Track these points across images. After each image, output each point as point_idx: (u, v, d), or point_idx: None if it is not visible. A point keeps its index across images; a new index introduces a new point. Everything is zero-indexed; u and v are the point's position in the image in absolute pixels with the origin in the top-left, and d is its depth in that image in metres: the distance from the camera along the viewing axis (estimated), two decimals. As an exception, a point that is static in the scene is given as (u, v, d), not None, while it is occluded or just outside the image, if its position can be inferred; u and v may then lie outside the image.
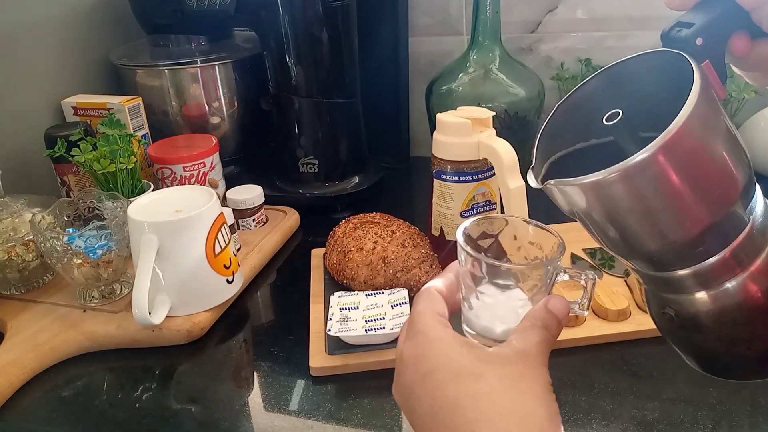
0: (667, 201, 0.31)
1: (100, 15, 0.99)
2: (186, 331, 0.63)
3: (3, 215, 0.68)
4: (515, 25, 0.99)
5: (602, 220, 0.33)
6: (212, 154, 0.84)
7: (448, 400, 0.33)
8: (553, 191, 0.33)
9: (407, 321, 0.39)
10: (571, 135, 0.37)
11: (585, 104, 0.36)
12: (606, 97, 0.35)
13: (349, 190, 0.91)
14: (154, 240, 0.60)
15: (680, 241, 0.32)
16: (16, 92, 0.84)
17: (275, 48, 0.85)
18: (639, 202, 0.31)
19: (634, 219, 0.32)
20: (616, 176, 0.30)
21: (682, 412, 0.51)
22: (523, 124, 0.89)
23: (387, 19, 0.98)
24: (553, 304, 0.37)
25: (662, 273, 0.34)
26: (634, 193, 0.30)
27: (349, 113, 0.91)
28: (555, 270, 0.38)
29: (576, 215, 0.34)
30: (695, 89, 0.29)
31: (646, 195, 0.30)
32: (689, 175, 0.30)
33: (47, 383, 0.59)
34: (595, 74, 0.36)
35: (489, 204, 0.68)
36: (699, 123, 0.29)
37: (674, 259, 0.33)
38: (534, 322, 0.36)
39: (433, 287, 0.40)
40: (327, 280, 0.72)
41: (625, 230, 0.33)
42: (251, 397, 0.57)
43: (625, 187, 0.30)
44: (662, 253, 0.33)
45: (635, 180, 0.30)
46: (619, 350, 0.58)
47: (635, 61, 0.34)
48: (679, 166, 0.30)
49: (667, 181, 0.30)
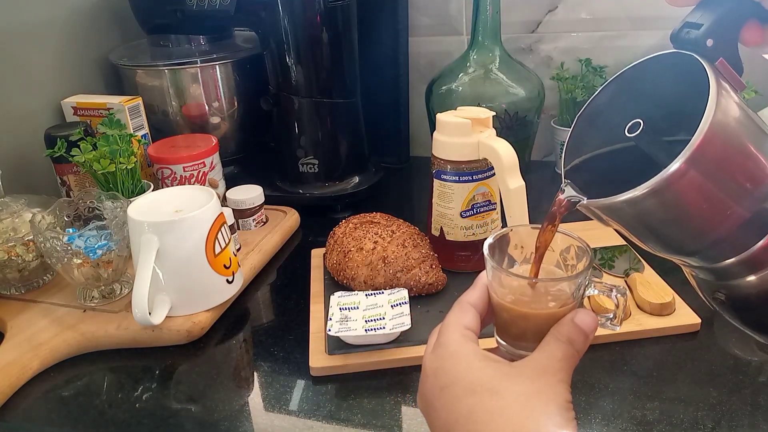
0: (702, 206, 0.31)
1: (100, 15, 0.99)
2: (186, 331, 0.63)
3: (3, 215, 0.68)
4: (515, 25, 0.99)
5: (639, 231, 0.33)
6: (212, 154, 0.84)
7: (462, 415, 0.33)
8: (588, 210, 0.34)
9: (436, 331, 0.39)
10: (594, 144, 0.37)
11: (604, 111, 0.36)
12: (624, 101, 0.35)
13: (349, 190, 0.91)
14: (154, 240, 0.60)
15: (720, 239, 0.32)
16: (17, 92, 0.84)
17: (275, 48, 0.85)
18: (674, 212, 0.31)
19: (671, 227, 0.32)
20: (648, 192, 0.30)
21: (682, 412, 0.51)
22: (523, 124, 0.89)
23: (387, 19, 0.98)
24: (581, 318, 0.36)
25: (710, 265, 0.34)
26: (668, 204, 0.31)
27: (349, 113, 0.91)
28: (584, 283, 0.38)
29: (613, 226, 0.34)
30: (712, 94, 0.29)
31: (681, 204, 0.31)
32: (721, 178, 0.30)
33: (47, 383, 0.59)
34: (610, 80, 0.36)
35: (489, 204, 0.68)
36: (721, 126, 0.29)
37: (717, 254, 0.33)
38: (558, 337, 0.36)
39: (466, 300, 0.40)
40: (327, 280, 0.72)
41: (664, 237, 0.33)
42: (251, 397, 0.57)
43: (658, 200, 0.30)
44: (704, 251, 0.33)
45: (667, 192, 0.30)
46: (619, 350, 0.58)
47: (649, 62, 0.35)
48: (709, 172, 0.30)
49: (699, 188, 0.30)
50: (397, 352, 0.59)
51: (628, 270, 0.69)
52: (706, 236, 0.32)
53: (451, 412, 0.34)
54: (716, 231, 0.32)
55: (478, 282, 0.41)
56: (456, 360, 0.36)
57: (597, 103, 0.36)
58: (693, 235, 0.32)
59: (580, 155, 0.37)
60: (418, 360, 0.58)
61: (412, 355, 0.58)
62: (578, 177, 0.36)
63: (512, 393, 0.33)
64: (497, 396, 0.33)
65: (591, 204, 0.33)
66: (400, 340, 0.60)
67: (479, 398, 0.33)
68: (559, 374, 0.34)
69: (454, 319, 0.38)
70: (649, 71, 0.35)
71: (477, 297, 0.40)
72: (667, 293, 0.62)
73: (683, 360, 0.57)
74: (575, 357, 0.35)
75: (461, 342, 0.36)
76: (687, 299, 0.62)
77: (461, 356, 0.36)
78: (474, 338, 0.37)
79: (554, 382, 0.34)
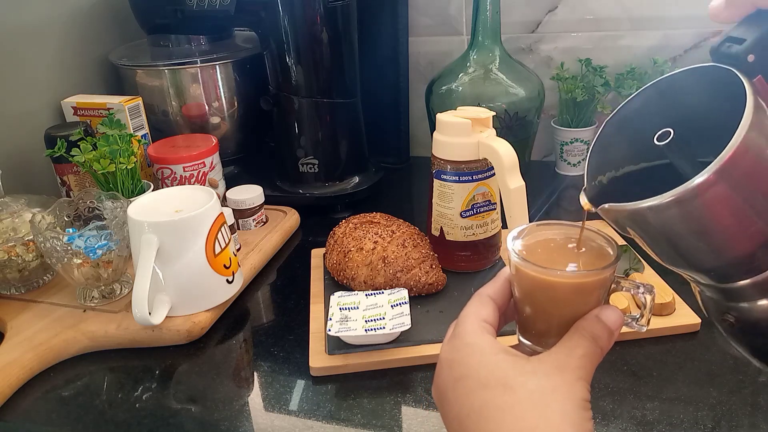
0: (726, 221, 0.30)
1: (100, 15, 0.99)
2: (186, 331, 0.63)
3: (3, 215, 0.68)
4: (515, 25, 0.99)
5: (657, 241, 0.33)
6: (212, 154, 0.84)
7: (474, 409, 0.33)
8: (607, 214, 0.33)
9: (454, 323, 0.38)
10: (621, 150, 0.36)
11: (635, 118, 0.36)
12: (656, 111, 0.35)
13: (349, 190, 0.91)
14: (154, 240, 0.60)
15: (738, 258, 0.31)
16: (17, 92, 0.84)
17: (275, 48, 0.85)
18: (697, 224, 0.30)
19: (691, 240, 0.31)
20: (671, 201, 0.29)
21: (682, 412, 0.51)
22: (523, 124, 0.89)
23: (387, 19, 0.98)
24: (606, 315, 0.35)
25: (721, 284, 0.34)
26: (691, 217, 0.30)
27: (349, 113, 0.91)
28: (610, 279, 0.37)
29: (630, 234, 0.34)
30: (748, 110, 0.29)
31: (705, 216, 0.30)
32: (749, 194, 0.30)
33: (47, 383, 0.59)
34: (643, 88, 0.35)
35: (489, 204, 0.68)
36: (754, 141, 0.29)
37: (733, 273, 0.33)
38: (582, 333, 0.34)
39: (485, 292, 0.39)
40: (327, 280, 0.72)
41: (682, 250, 0.32)
42: (251, 397, 0.57)
43: (681, 211, 0.30)
44: (720, 268, 0.33)
45: (692, 203, 0.29)
46: (619, 350, 0.58)
47: (684, 74, 0.34)
48: (737, 186, 0.29)
49: (725, 202, 0.29)
50: (397, 352, 0.59)
51: (628, 270, 0.69)
52: (726, 253, 0.32)
53: (464, 405, 0.33)
54: (737, 249, 0.31)
55: (499, 276, 0.40)
56: (471, 352, 0.35)
57: (628, 109, 0.36)
58: (712, 250, 0.32)
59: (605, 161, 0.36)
60: (419, 360, 0.59)
61: (412, 355, 0.58)
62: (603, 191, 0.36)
63: (526, 389, 0.32)
64: (510, 391, 0.32)
65: (612, 208, 0.32)
66: (400, 340, 0.60)
67: (492, 393, 0.32)
68: (578, 371, 0.33)
69: (472, 311, 0.37)
70: (684, 82, 0.34)
71: (497, 290, 0.39)
72: (667, 293, 0.62)
73: (683, 360, 0.57)
74: (598, 354, 0.34)
75: (478, 333, 0.36)
76: (687, 299, 0.63)
77: (476, 348, 0.35)
78: (492, 331, 0.37)
79: (572, 380, 0.33)
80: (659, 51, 0.93)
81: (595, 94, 0.94)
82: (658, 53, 0.93)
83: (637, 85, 0.90)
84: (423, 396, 0.55)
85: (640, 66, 0.94)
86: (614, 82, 0.94)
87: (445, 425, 0.36)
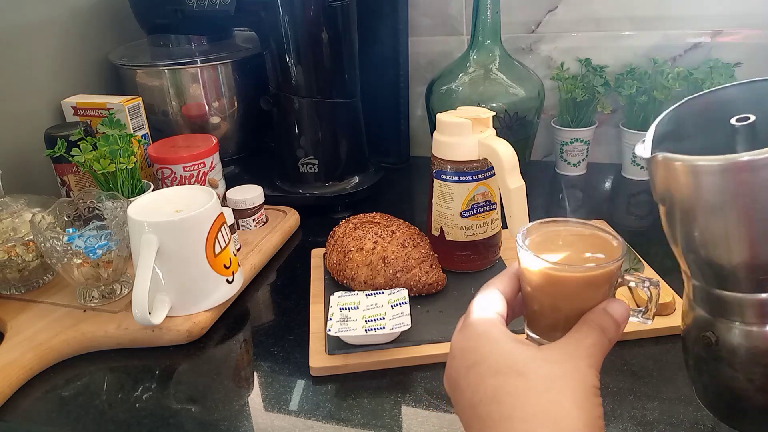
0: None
1: (100, 15, 0.99)
2: (186, 331, 0.63)
3: (3, 215, 0.68)
4: (515, 25, 0.99)
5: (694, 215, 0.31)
6: (212, 154, 0.84)
7: (487, 395, 0.33)
8: (661, 167, 0.32)
9: (464, 314, 0.39)
10: (690, 127, 0.36)
11: (717, 106, 0.35)
12: (741, 108, 0.35)
13: (349, 190, 0.91)
14: (154, 240, 0.60)
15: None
16: (17, 92, 0.84)
17: (275, 48, 0.85)
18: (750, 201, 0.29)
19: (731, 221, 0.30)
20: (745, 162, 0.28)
21: (682, 412, 0.51)
22: (523, 124, 0.89)
23: (387, 19, 0.98)
24: (614, 307, 0.36)
25: (727, 292, 0.33)
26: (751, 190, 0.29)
27: (349, 113, 0.91)
28: (617, 273, 0.38)
29: (667, 202, 0.32)
30: None
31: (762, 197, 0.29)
32: None
33: (47, 383, 0.59)
34: (737, 83, 0.35)
35: (489, 204, 0.68)
36: None
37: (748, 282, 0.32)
38: (591, 324, 0.35)
39: (494, 285, 0.40)
40: (327, 280, 0.72)
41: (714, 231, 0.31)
42: (251, 397, 0.57)
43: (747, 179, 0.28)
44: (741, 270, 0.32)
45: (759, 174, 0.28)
46: (619, 350, 0.58)
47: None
48: None
49: None
50: (397, 352, 0.59)
51: (628, 270, 0.69)
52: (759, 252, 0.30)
53: (476, 391, 0.34)
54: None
55: (507, 271, 0.40)
56: (483, 340, 0.36)
57: (713, 96, 0.35)
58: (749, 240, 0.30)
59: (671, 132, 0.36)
60: (419, 360, 0.59)
61: (412, 355, 0.58)
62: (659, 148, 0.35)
63: (538, 375, 0.33)
64: (523, 377, 0.33)
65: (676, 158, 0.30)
66: (400, 340, 0.60)
67: (504, 379, 0.33)
68: (589, 359, 0.34)
69: (483, 301, 0.38)
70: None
71: (505, 284, 0.40)
72: (667, 293, 0.62)
73: (683, 360, 0.57)
74: (606, 345, 0.35)
75: (489, 323, 0.36)
76: (687, 299, 0.63)
77: (489, 336, 0.36)
78: (502, 321, 0.37)
79: (583, 367, 0.33)
80: (659, 51, 0.93)
81: (595, 94, 0.94)
82: (658, 53, 0.93)
83: (637, 85, 0.91)
84: (423, 396, 0.55)
85: (640, 66, 0.94)
86: (614, 82, 0.94)
87: (458, 413, 0.36)
